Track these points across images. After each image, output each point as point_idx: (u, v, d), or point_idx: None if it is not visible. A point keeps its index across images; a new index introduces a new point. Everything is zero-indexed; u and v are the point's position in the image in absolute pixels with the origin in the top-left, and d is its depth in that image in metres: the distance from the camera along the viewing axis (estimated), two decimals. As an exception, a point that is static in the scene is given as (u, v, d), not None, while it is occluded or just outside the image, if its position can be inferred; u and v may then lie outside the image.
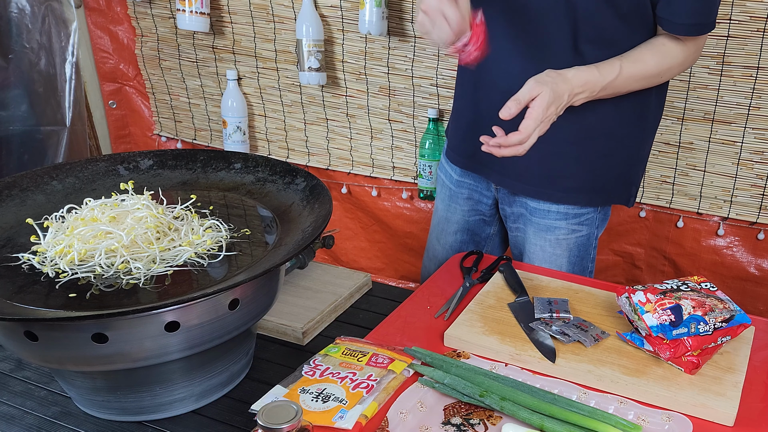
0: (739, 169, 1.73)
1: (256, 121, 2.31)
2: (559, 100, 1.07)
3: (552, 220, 1.31)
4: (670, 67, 1.16)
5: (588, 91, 1.12)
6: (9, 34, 2.23)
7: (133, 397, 0.92)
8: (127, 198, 1.05)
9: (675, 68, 1.17)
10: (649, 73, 1.15)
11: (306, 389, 0.89)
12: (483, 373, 0.92)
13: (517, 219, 1.36)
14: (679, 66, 1.18)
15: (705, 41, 1.20)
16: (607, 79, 1.12)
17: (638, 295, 0.97)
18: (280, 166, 1.17)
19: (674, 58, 1.15)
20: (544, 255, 1.33)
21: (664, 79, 1.19)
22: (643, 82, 1.16)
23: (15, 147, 2.32)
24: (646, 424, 0.85)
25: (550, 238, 1.32)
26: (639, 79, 1.15)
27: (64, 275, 0.91)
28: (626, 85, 1.15)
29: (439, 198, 1.48)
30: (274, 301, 1.02)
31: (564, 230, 1.31)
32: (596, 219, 1.33)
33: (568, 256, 1.33)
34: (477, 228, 1.44)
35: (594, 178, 1.27)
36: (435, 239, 1.50)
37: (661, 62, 1.15)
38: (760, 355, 1.00)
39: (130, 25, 2.37)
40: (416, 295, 1.17)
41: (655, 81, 1.18)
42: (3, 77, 2.25)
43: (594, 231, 1.34)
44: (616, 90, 1.15)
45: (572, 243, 1.32)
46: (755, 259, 1.79)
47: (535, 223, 1.32)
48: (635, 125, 1.25)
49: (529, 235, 1.34)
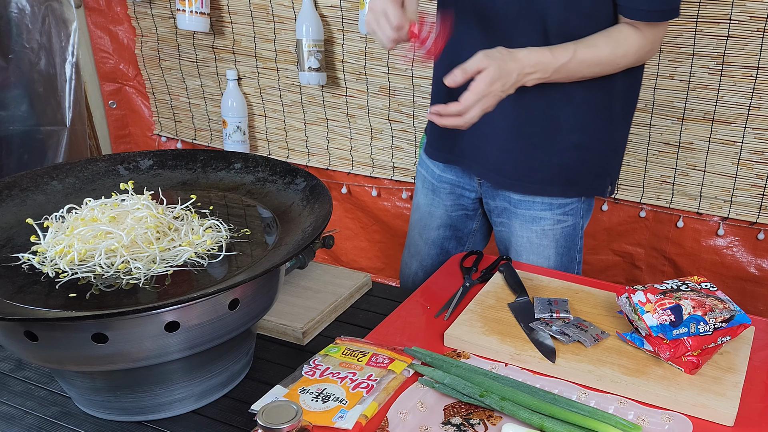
0: (739, 169, 1.73)
1: (256, 121, 2.31)
2: (507, 77, 1.08)
3: (537, 211, 1.31)
4: (624, 54, 1.15)
5: (540, 72, 1.12)
6: (9, 34, 2.23)
7: (133, 397, 0.92)
8: (127, 198, 1.05)
9: (630, 56, 1.16)
10: (604, 58, 1.15)
11: (306, 389, 0.89)
12: (483, 373, 0.92)
13: (501, 213, 1.37)
14: (635, 54, 1.17)
15: (664, 32, 1.20)
16: (560, 62, 1.12)
17: (638, 295, 0.97)
18: (280, 166, 1.17)
19: (629, 46, 1.15)
20: (531, 247, 1.34)
21: (620, 66, 1.18)
22: (597, 68, 1.16)
23: (15, 147, 2.32)
24: (646, 424, 0.85)
25: (536, 230, 1.32)
26: (593, 64, 1.15)
27: (64, 275, 0.91)
28: (580, 69, 1.15)
29: (420, 194, 1.48)
30: (274, 301, 1.02)
31: (549, 221, 1.32)
32: (581, 209, 1.34)
33: (556, 246, 1.34)
34: (460, 223, 1.45)
35: (567, 169, 1.28)
36: (417, 235, 1.50)
37: (615, 49, 1.15)
38: (760, 355, 1.00)
39: (130, 25, 2.37)
40: (416, 295, 1.17)
41: (610, 67, 1.17)
42: (3, 77, 2.25)
43: (579, 221, 1.35)
44: (570, 74, 1.15)
45: (558, 234, 1.33)
46: (755, 259, 1.79)
47: (520, 216, 1.33)
48: (604, 116, 1.26)
49: (514, 227, 1.35)
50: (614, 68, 1.18)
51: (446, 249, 1.48)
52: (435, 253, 1.48)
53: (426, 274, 1.50)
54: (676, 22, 1.66)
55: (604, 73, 1.18)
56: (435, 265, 1.47)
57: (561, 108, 1.23)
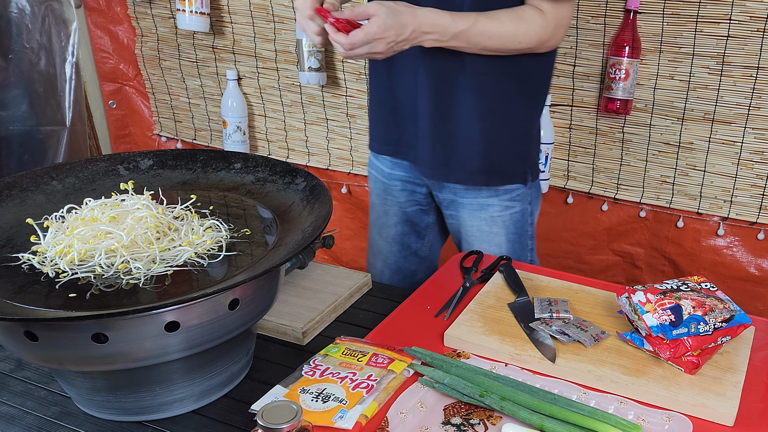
0: (739, 169, 1.73)
1: (256, 121, 2.31)
2: (401, 29, 1.10)
3: (484, 198, 1.34)
4: (526, 32, 1.16)
5: (437, 34, 1.14)
6: (9, 34, 2.23)
7: (133, 397, 0.92)
8: (127, 198, 1.05)
9: (531, 35, 1.17)
10: (504, 32, 1.16)
11: (306, 389, 0.89)
12: (483, 373, 0.92)
13: (449, 205, 1.40)
14: (536, 35, 1.17)
15: (568, 16, 1.21)
16: (460, 27, 1.14)
17: (638, 295, 0.97)
18: (280, 166, 1.17)
19: (531, 25, 1.16)
20: (482, 235, 1.36)
21: (521, 45, 1.18)
22: (497, 42, 1.17)
23: (15, 147, 2.32)
24: (646, 424, 0.85)
25: (485, 217, 1.35)
26: (493, 36, 1.16)
27: (64, 275, 0.91)
28: (480, 40, 1.16)
29: (373, 194, 1.51)
30: (274, 301, 1.02)
31: (497, 207, 1.34)
32: (528, 195, 1.36)
33: (506, 233, 1.36)
34: (416, 218, 1.48)
35: (489, 157, 1.30)
36: (376, 234, 1.53)
37: (517, 26, 1.16)
38: (760, 355, 1.00)
39: (130, 25, 2.37)
40: (416, 295, 1.17)
41: (511, 44, 1.18)
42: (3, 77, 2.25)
43: (527, 207, 1.37)
44: (470, 42, 1.16)
45: (507, 220, 1.35)
46: (755, 259, 1.79)
47: (467, 205, 1.36)
48: (515, 104, 1.28)
49: (464, 217, 1.38)
50: (515, 46, 1.18)
51: (407, 244, 1.51)
52: (396, 249, 1.51)
53: (392, 272, 1.54)
54: (676, 22, 1.67)
55: (504, 49, 1.18)
56: (398, 262, 1.52)
57: (473, 97, 1.25)
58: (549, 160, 1.90)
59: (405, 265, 1.53)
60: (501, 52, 1.19)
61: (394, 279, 1.54)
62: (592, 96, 1.84)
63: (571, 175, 1.95)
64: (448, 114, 1.28)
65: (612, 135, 1.86)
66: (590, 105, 1.85)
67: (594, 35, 1.78)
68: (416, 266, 1.54)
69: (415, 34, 1.12)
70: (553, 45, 1.22)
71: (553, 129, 1.89)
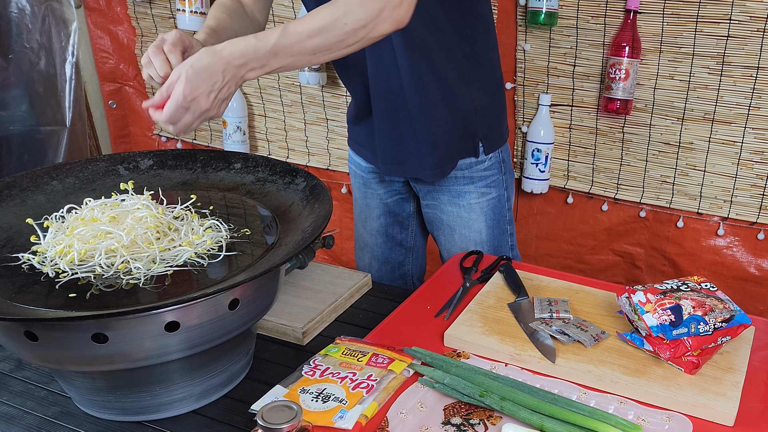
0: (739, 169, 1.73)
1: (256, 121, 2.31)
2: (211, 75, 0.99)
3: (461, 186, 1.37)
4: (346, 11, 1.00)
5: (252, 61, 1.01)
6: (9, 34, 2.23)
7: (133, 397, 0.92)
8: (127, 198, 1.05)
9: (357, 10, 1.00)
10: (323, 23, 1.01)
11: (306, 389, 0.89)
12: (483, 373, 0.92)
13: (426, 195, 1.43)
14: (361, 6, 1.00)
15: None
16: (269, 43, 1.00)
17: (638, 295, 0.97)
18: (280, 166, 1.17)
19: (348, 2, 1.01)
20: (462, 221, 1.40)
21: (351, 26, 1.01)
22: (321, 36, 1.01)
23: (15, 147, 2.32)
24: (646, 424, 0.85)
25: (464, 204, 1.38)
26: (313, 33, 1.01)
27: (64, 275, 0.91)
28: (301, 43, 1.01)
29: (354, 188, 1.54)
30: (274, 301, 1.02)
31: (474, 194, 1.37)
32: (503, 180, 1.40)
33: (485, 219, 1.39)
34: (397, 208, 1.50)
35: (435, 144, 1.32)
36: (361, 228, 1.56)
37: (335, 9, 1.01)
38: (760, 355, 1.00)
39: (130, 25, 2.37)
40: (416, 295, 1.17)
41: (339, 31, 1.01)
42: (3, 77, 2.25)
43: (503, 192, 1.41)
44: (294, 52, 1.01)
45: (485, 206, 1.39)
46: (755, 259, 1.79)
47: (446, 191, 1.39)
48: (458, 83, 1.28)
49: (443, 204, 1.41)
50: (345, 30, 1.02)
51: (391, 235, 1.53)
52: (381, 241, 1.54)
53: (379, 264, 1.56)
54: (676, 22, 1.67)
55: (337, 41, 1.02)
56: (385, 253, 1.54)
57: (414, 93, 1.26)
58: (549, 160, 1.90)
59: (392, 257, 1.56)
60: (338, 47, 1.03)
61: (382, 270, 1.57)
62: (592, 96, 1.84)
63: (571, 175, 1.95)
64: (393, 112, 1.30)
65: (612, 135, 1.86)
66: (590, 105, 1.85)
67: (594, 35, 1.78)
68: (403, 257, 1.57)
69: (230, 72, 1.00)
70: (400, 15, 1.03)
71: (553, 129, 1.89)
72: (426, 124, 1.29)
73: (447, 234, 1.42)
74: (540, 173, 1.91)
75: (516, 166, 2.01)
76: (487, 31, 1.30)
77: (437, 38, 1.23)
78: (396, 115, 1.30)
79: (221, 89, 1.02)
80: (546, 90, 1.89)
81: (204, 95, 1.00)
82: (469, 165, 1.36)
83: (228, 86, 1.03)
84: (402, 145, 1.33)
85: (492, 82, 1.35)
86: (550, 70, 1.86)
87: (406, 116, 1.29)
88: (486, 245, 1.41)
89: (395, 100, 1.28)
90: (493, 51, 1.34)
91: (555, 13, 1.76)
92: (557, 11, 1.77)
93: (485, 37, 1.30)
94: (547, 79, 1.88)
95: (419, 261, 1.59)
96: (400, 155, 1.35)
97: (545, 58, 1.85)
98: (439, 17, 1.21)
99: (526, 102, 1.93)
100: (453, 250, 1.43)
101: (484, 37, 1.30)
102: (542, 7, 1.74)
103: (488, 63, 1.33)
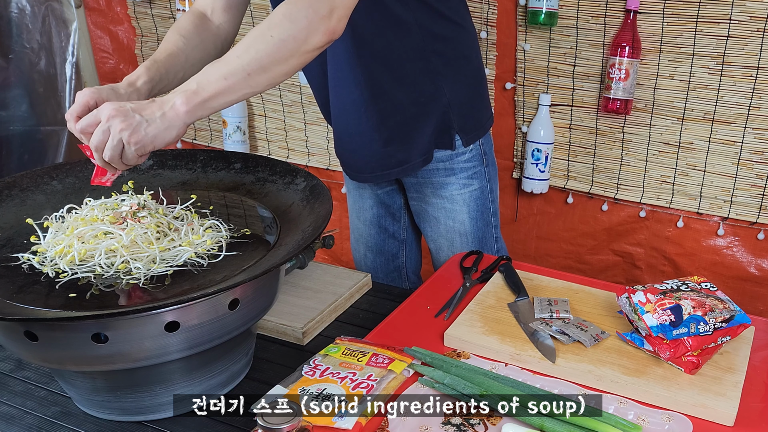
0: (739, 169, 1.73)
1: (256, 121, 2.31)
2: (117, 114, 0.92)
3: (442, 177, 1.39)
4: (270, 25, 0.96)
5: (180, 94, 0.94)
6: (9, 34, 2.23)
7: (133, 397, 0.92)
8: (127, 198, 1.05)
9: (280, 19, 0.96)
10: (250, 38, 0.96)
11: (306, 389, 0.89)
12: (483, 373, 0.92)
13: (411, 187, 1.44)
14: (285, 17, 0.96)
15: None
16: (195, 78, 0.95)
17: (638, 295, 0.97)
18: (280, 166, 1.17)
19: (275, 15, 0.97)
20: (445, 212, 1.41)
21: (279, 40, 0.96)
22: (253, 50, 0.95)
23: (15, 147, 2.33)
24: (646, 424, 0.85)
25: (446, 196, 1.40)
26: (242, 50, 0.96)
27: (64, 275, 0.91)
28: (236, 64, 0.95)
29: (347, 179, 1.54)
30: (274, 301, 1.02)
31: (456, 186, 1.39)
32: (485, 172, 1.41)
33: (468, 210, 1.41)
34: (389, 199, 1.52)
35: (414, 142, 1.32)
36: (356, 218, 1.58)
37: (260, 26, 0.97)
38: (760, 355, 1.00)
39: (130, 25, 2.37)
40: (416, 295, 1.17)
41: (267, 42, 0.96)
42: (3, 77, 2.25)
43: (486, 184, 1.42)
44: (234, 72, 0.95)
45: (468, 197, 1.40)
46: (755, 259, 1.79)
47: (428, 183, 1.41)
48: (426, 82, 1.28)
49: (428, 196, 1.42)
50: (272, 43, 0.96)
51: (384, 227, 1.55)
52: (375, 232, 1.56)
53: (374, 254, 1.58)
54: (676, 22, 1.67)
55: (271, 54, 0.96)
56: (378, 244, 1.57)
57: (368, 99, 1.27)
58: (549, 160, 1.90)
59: (386, 248, 1.57)
60: (272, 64, 0.97)
61: (377, 261, 1.58)
62: (592, 96, 1.84)
63: (571, 175, 1.95)
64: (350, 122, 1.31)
65: (612, 135, 1.86)
66: (590, 105, 1.85)
67: (594, 35, 1.78)
68: (396, 249, 1.58)
69: (143, 106, 0.94)
70: (334, 25, 0.98)
71: (553, 129, 1.89)
72: (389, 128, 1.30)
73: (433, 225, 1.44)
74: (540, 173, 1.91)
75: (516, 166, 2.01)
76: (460, 25, 1.30)
77: (403, 41, 1.23)
78: (353, 124, 1.31)
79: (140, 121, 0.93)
80: (546, 90, 1.89)
81: (116, 131, 0.93)
82: (449, 157, 1.37)
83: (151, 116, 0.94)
84: (360, 156, 1.36)
85: (468, 74, 1.34)
86: (550, 70, 1.86)
87: (368, 125, 1.30)
88: (470, 236, 1.43)
89: (353, 109, 1.29)
90: (468, 44, 1.33)
91: (555, 13, 1.76)
92: (557, 11, 1.77)
93: (459, 31, 1.30)
94: (547, 79, 1.88)
95: (413, 255, 1.61)
96: (359, 163, 1.38)
97: (545, 58, 1.85)
98: (406, 19, 1.21)
99: (526, 102, 1.93)
100: (439, 241, 1.45)
101: (458, 31, 1.29)
102: (542, 7, 1.74)
103: (464, 57, 1.32)
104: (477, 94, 1.39)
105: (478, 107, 1.39)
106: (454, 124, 1.34)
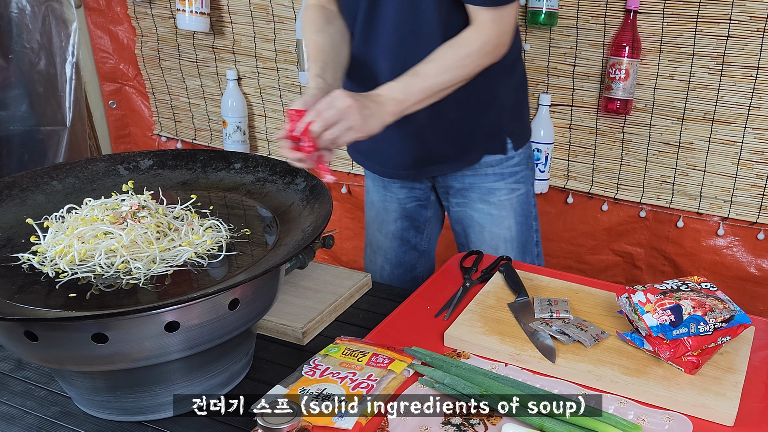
0: (739, 169, 1.73)
1: (256, 121, 2.31)
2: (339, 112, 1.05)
3: (491, 183, 1.38)
4: (467, 54, 1.16)
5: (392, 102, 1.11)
6: (9, 34, 2.23)
7: (133, 397, 0.92)
8: (127, 198, 1.05)
9: (474, 55, 1.16)
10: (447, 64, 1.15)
11: (306, 389, 0.89)
12: (483, 373, 0.92)
13: (456, 193, 1.43)
14: (479, 52, 1.17)
15: (509, 21, 1.19)
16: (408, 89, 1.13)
17: (638, 295, 0.97)
18: (280, 166, 1.17)
19: (468, 46, 1.16)
20: (492, 219, 1.40)
21: (470, 67, 1.17)
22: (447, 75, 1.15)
23: (15, 147, 2.32)
24: (646, 424, 0.85)
25: (494, 201, 1.39)
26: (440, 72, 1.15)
27: (64, 275, 0.91)
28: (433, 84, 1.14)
29: (372, 192, 1.53)
30: (274, 301, 1.02)
31: (504, 191, 1.38)
32: (529, 176, 1.42)
33: (514, 216, 1.40)
34: (415, 213, 1.51)
35: (464, 142, 1.33)
36: (376, 231, 1.55)
37: (456, 51, 1.16)
38: (760, 355, 1.00)
39: (130, 25, 2.38)
40: (416, 295, 1.17)
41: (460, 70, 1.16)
42: (3, 77, 2.25)
43: (530, 188, 1.43)
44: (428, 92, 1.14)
45: (515, 202, 1.40)
46: (755, 259, 1.79)
47: (477, 189, 1.39)
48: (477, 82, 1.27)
49: (474, 202, 1.41)
50: (464, 71, 1.17)
51: (406, 239, 1.53)
52: (396, 245, 1.54)
53: (392, 266, 1.56)
54: (676, 22, 1.67)
55: (460, 77, 1.17)
56: (399, 256, 1.54)
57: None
58: (549, 160, 1.90)
59: (405, 260, 1.55)
60: (461, 81, 1.18)
61: (395, 274, 1.56)
62: (592, 96, 1.84)
63: (571, 175, 1.95)
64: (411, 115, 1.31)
65: (612, 135, 1.86)
66: (590, 105, 1.85)
67: (594, 35, 1.78)
68: (416, 260, 1.56)
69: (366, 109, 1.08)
70: (504, 51, 1.21)
71: (553, 129, 1.89)
72: (447, 122, 1.30)
73: (477, 231, 1.42)
74: (540, 173, 1.91)
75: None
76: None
77: None
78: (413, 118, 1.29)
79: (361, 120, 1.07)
80: (546, 90, 1.89)
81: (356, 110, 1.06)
82: (499, 161, 1.37)
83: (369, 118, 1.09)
84: (402, 149, 1.34)
85: (517, 78, 1.37)
86: (550, 70, 1.86)
87: (427, 118, 1.28)
88: (515, 242, 1.42)
89: None
90: (517, 47, 1.34)
91: (555, 13, 1.76)
92: (557, 11, 1.77)
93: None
94: (547, 79, 1.88)
95: (429, 263, 1.60)
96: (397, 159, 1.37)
97: (545, 58, 1.85)
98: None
99: (526, 102, 1.93)
100: (482, 247, 1.42)
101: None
102: (542, 7, 1.74)
103: (514, 61, 1.34)
104: (525, 97, 1.41)
105: (526, 111, 1.42)
106: (506, 127, 1.35)
